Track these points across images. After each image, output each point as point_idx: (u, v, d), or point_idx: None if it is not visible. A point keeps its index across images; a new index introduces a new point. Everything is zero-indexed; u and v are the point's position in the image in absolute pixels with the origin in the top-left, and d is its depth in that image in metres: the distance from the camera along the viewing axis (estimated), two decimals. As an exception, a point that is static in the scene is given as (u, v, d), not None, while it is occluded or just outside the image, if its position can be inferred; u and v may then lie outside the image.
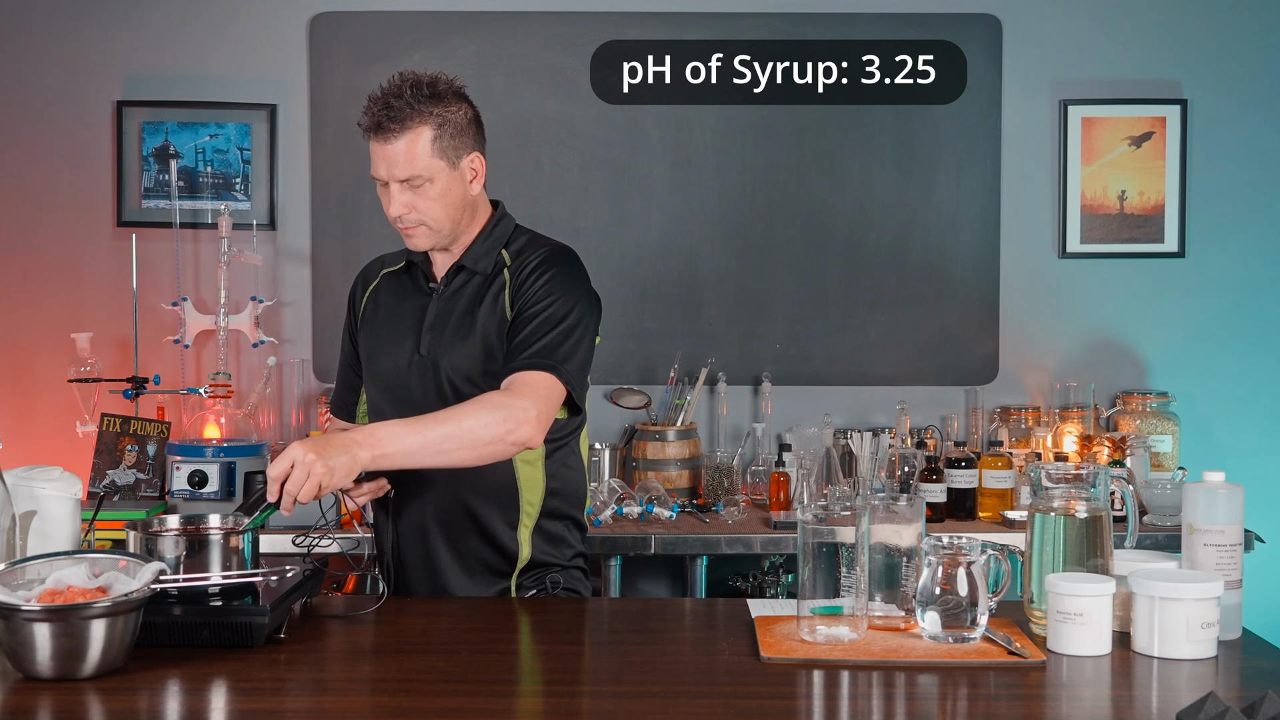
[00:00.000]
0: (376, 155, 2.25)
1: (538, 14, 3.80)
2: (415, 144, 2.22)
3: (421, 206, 2.26)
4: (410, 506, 2.36)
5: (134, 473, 3.49)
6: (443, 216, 2.28)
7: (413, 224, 2.28)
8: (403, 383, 2.35)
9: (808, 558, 1.88)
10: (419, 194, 2.25)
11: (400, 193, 2.25)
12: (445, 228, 2.30)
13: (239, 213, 3.75)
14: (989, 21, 3.82)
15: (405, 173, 2.23)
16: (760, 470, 3.69)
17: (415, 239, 2.30)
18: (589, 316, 2.32)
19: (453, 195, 2.28)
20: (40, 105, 3.80)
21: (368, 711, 1.67)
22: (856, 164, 3.83)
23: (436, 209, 2.27)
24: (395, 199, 2.25)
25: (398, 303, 2.41)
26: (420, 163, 2.23)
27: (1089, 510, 1.98)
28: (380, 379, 2.40)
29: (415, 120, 2.22)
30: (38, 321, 3.80)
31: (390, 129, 2.21)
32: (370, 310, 2.45)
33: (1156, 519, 3.31)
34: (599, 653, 1.99)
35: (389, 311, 2.42)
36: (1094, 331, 3.87)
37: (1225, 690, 1.72)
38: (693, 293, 3.82)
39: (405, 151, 2.22)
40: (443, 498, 2.33)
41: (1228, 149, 3.85)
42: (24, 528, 2.07)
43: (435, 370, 2.32)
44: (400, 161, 2.22)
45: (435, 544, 2.35)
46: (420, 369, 2.33)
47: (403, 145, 2.22)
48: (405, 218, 2.27)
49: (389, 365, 2.37)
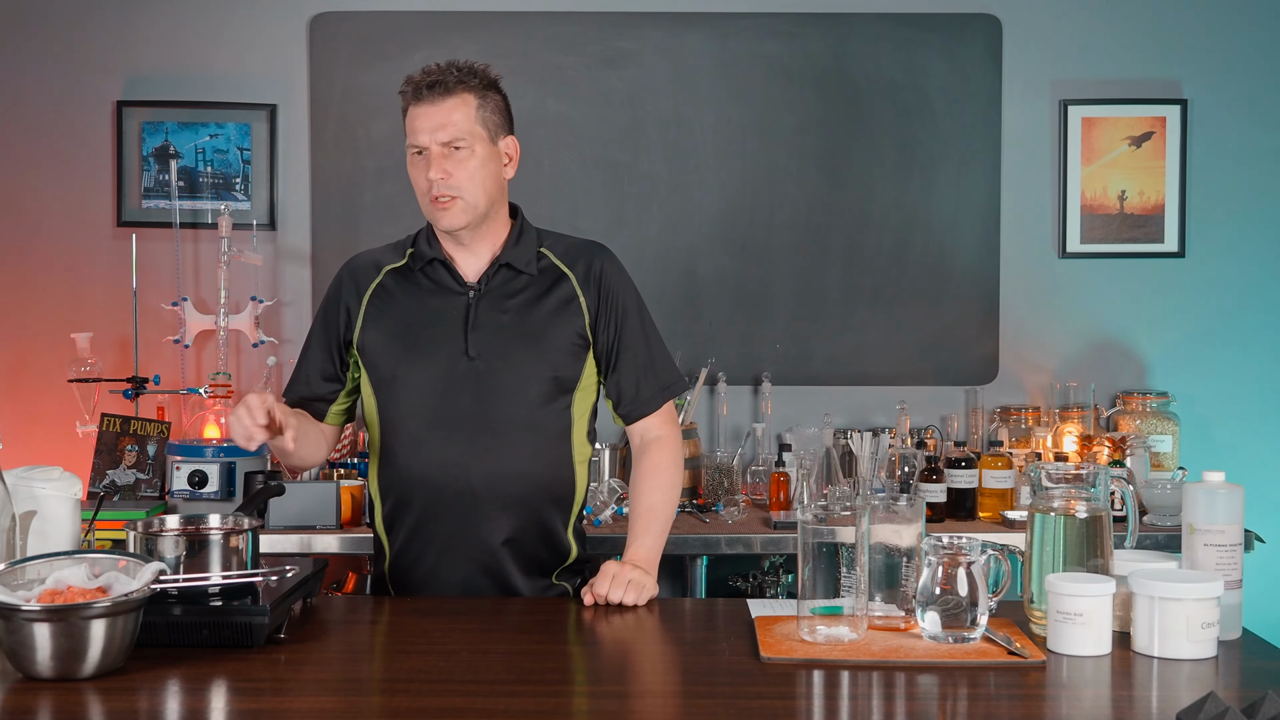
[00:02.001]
0: (419, 119, 2.27)
1: (538, 14, 3.80)
2: (460, 109, 2.26)
3: (459, 176, 2.26)
4: (475, 512, 2.31)
5: (134, 473, 3.49)
6: (479, 192, 2.28)
7: (449, 195, 2.26)
8: (445, 387, 2.30)
9: (808, 558, 1.88)
10: (458, 163, 2.26)
11: (440, 158, 2.26)
12: (481, 205, 2.29)
13: (239, 213, 3.75)
14: (989, 21, 3.82)
15: (448, 135, 2.25)
16: (760, 470, 3.69)
17: (450, 213, 2.28)
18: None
19: (489, 170, 2.30)
20: (40, 105, 3.80)
21: (367, 711, 1.67)
22: (856, 164, 3.83)
23: (474, 183, 2.27)
24: (434, 163, 2.25)
25: (421, 301, 2.34)
26: (464, 126, 2.26)
27: (1089, 510, 1.98)
28: (413, 386, 2.31)
29: (461, 89, 2.27)
30: (38, 321, 3.80)
31: (437, 92, 2.26)
32: (379, 309, 2.36)
33: (1156, 519, 3.31)
34: (599, 653, 1.99)
35: (416, 311, 2.34)
36: (1094, 331, 3.87)
37: (1225, 690, 1.72)
38: (693, 293, 3.82)
39: (451, 112, 2.25)
40: (516, 504, 2.32)
41: (1228, 149, 3.85)
42: (24, 528, 2.07)
43: (491, 374, 2.29)
44: (446, 123, 2.25)
45: (500, 554, 2.32)
46: (471, 373, 2.29)
47: (449, 106, 2.26)
48: (442, 184, 2.26)
49: (426, 370, 2.31)
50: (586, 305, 2.35)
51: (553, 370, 2.32)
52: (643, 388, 2.38)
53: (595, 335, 2.36)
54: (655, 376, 2.39)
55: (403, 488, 2.33)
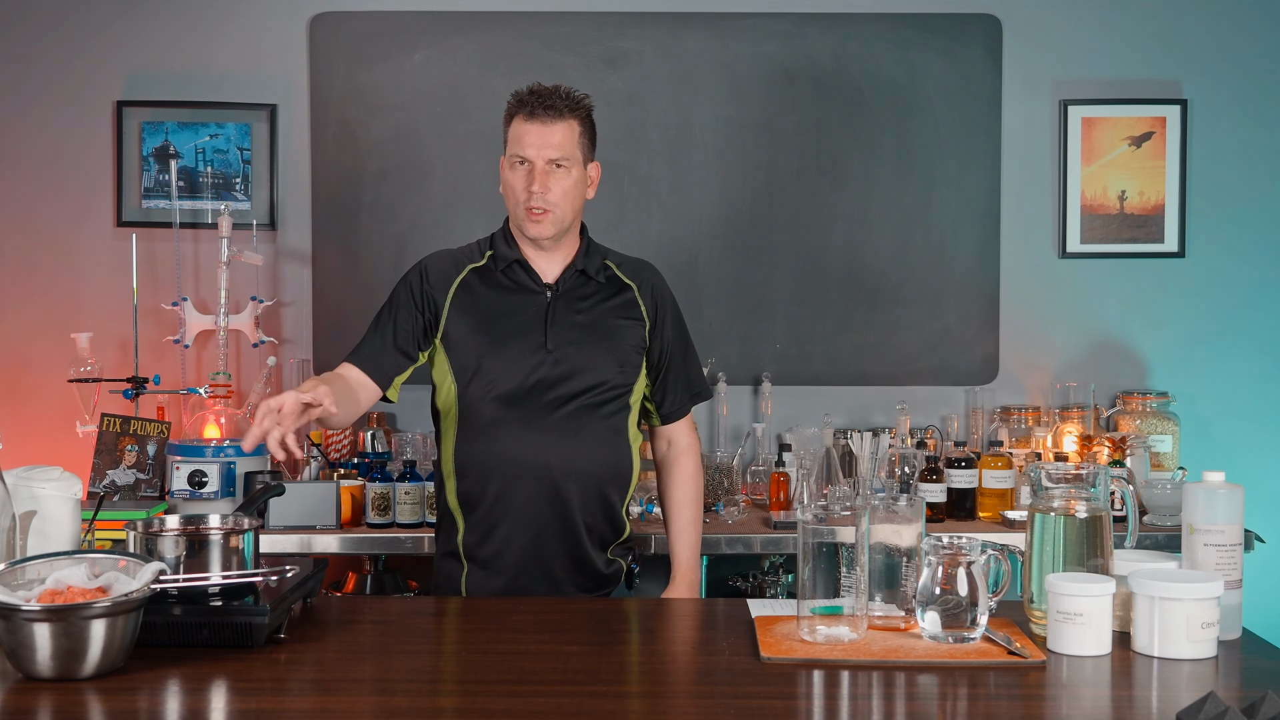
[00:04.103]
0: (529, 135, 2.51)
1: (538, 14, 3.80)
2: (567, 132, 2.52)
3: (555, 192, 2.51)
4: (550, 489, 2.52)
5: (134, 473, 3.49)
6: (568, 208, 2.53)
7: (543, 207, 2.50)
8: (524, 375, 2.51)
9: (808, 558, 1.88)
10: (557, 179, 2.51)
11: (544, 174, 2.50)
12: (567, 220, 2.54)
13: (239, 213, 3.75)
14: (989, 21, 3.82)
15: (556, 153, 2.50)
16: (760, 470, 3.69)
17: (541, 223, 2.51)
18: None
19: (579, 190, 2.56)
20: (40, 105, 3.80)
21: (368, 711, 1.67)
22: (856, 164, 3.83)
23: (566, 199, 2.52)
24: (539, 178, 2.50)
25: (503, 298, 2.57)
26: (567, 149, 2.52)
27: (1089, 510, 1.98)
28: (496, 373, 2.52)
29: (570, 114, 2.53)
30: (38, 321, 3.80)
31: (550, 114, 2.51)
32: (464, 304, 2.56)
33: (1156, 519, 3.31)
34: (599, 653, 1.99)
35: (499, 306, 2.56)
36: (1094, 331, 3.87)
37: (1225, 690, 1.72)
38: (693, 293, 3.82)
39: (561, 134, 2.51)
40: (585, 480, 2.54)
41: (1228, 149, 3.85)
42: (24, 528, 2.07)
43: (569, 367, 2.53)
44: (554, 143, 2.50)
45: (572, 525, 2.55)
46: (550, 364, 2.52)
47: (560, 128, 2.51)
48: (540, 198, 2.49)
49: (508, 359, 2.52)
50: (646, 314, 2.63)
51: (619, 365, 2.57)
52: (680, 394, 2.69)
53: (650, 342, 2.63)
54: (690, 384, 2.71)
55: (482, 465, 2.53)
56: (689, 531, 2.69)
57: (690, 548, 2.68)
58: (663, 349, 2.65)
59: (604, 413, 2.56)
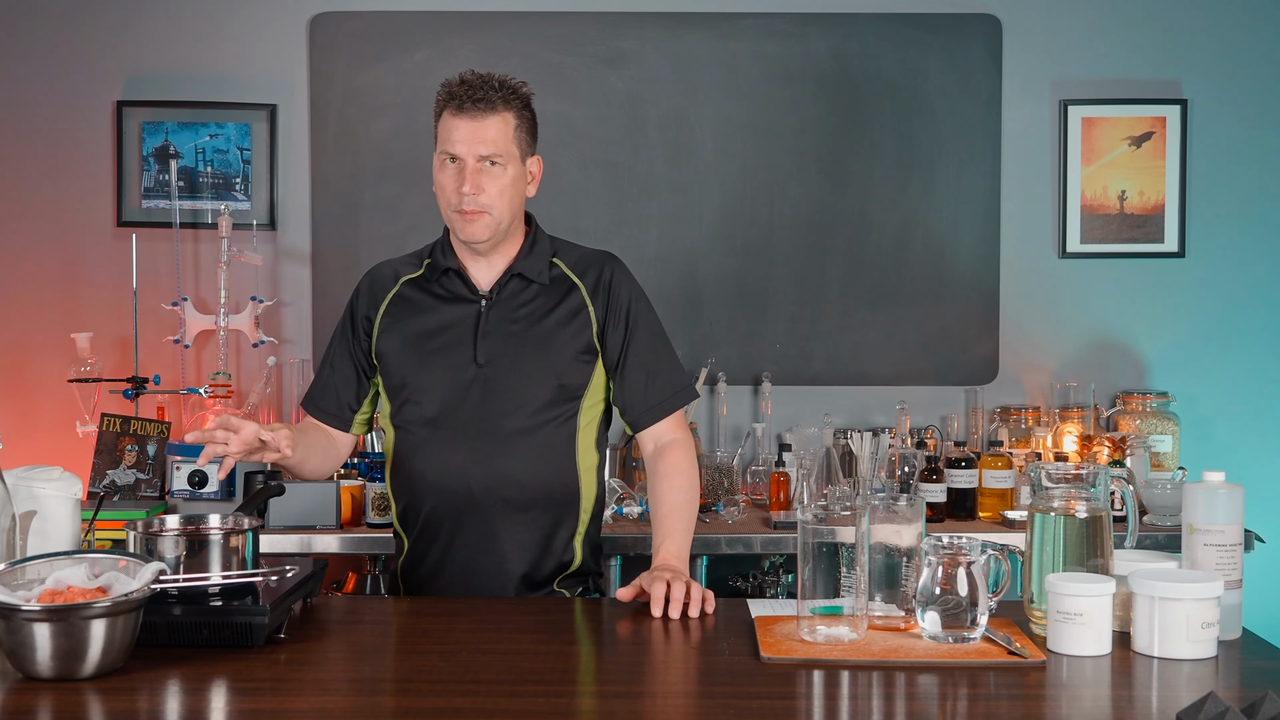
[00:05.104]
0: (458, 131, 2.30)
1: (538, 14, 3.80)
2: (500, 126, 2.31)
3: (490, 193, 2.31)
4: (475, 516, 2.35)
5: (134, 473, 3.49)
6: (504, 208, 2.33)
7: (477, 208, 2.31)
8: (452, 393, 2.35)
9: (808, 558, 1.88)
10: (491, 177, 2.31)
11: (475, 172, 2.30)
12: (504, 220, 2.34)
13: (239, 213, 3.75)
14: (989, 21, 3.82)
15: (488, 150, 2.29)
16: (760, 470, 3.69)
17: (475, 225, 2.32)
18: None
19: (517, 188, 2.35)
20: (40, 105, 3.80)
21: (368, 711, 1.67)
22: (856, 164, 3.83)
23: (502, 199, 2.32)
24: (470, 177, 2.30)
25: (435, 310, 2.40)
26: (501, 144, 2.30)
27: (1089, 510, 1.98)
28: (422, 391, 2.36)
29: (503, 106, 2.32)
30: (38, 321, 3.80)
31: (481, 108, 2.30)
32: (395, 318, 2.41)
33: (1156, 519, 3.31)
34: (599, 653, 1.99)
35: (429, 321, 2.39)
36: (1094, 331, 3.87)
37: (1225, 690, 1.72)
38: (693, 293, 3.82)
39: (491, 129, 2.29)
40: (514, 509, 2.35)
41: (1228, 149, 3.85)
42: (24, 528, 2.07)
43: (501, 381, 2.34)
44: (486, 139, 2.29)
45: (497, 558, 2.36)
46: (478, 379, 2.34)
47: (493, 122, 2.30)
48: (473, 199, 2.30)
49: (435, 376, 2.36)
50: (595, 315, 2.39)
51: (557, 378, 2.36)
52: (650, 396, 2.41)
53: (603, 344, 2.40)
54: (663, 385, 2.42)
55: (412, 490, 2.39)
56: (667, 518, 2.34)
57: (670, 533, 2.32)
58: (618, 349, 2.40)
59: (539, 432, 2.35)
